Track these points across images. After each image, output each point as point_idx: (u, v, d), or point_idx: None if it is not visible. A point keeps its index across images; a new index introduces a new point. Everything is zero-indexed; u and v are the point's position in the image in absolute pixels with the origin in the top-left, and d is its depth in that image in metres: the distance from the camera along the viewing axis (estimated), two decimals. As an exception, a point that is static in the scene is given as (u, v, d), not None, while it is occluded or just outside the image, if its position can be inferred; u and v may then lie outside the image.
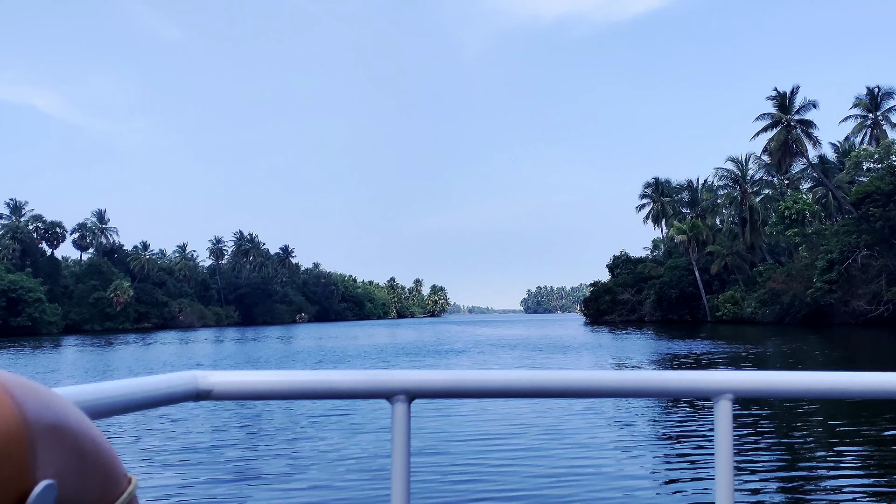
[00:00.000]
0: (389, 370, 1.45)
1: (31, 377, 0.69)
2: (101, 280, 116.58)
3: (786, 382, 1.50)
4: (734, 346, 42.27)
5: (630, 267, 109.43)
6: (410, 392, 1.44)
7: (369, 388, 1.44)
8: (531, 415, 16.53)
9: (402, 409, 1.43)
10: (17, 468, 0.61)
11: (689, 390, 1.52)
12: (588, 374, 1.49)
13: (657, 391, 1.52)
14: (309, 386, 1.44)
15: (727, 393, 1.48)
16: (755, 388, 1.51)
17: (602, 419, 16.07)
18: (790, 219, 69.83)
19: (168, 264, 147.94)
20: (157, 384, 1.31)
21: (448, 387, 1.47)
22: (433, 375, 1.46)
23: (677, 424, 15.49)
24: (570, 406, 17.36)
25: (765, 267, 76.59)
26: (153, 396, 1.28)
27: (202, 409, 18.56)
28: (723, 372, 1.49)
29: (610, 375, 1.50)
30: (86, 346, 60.36)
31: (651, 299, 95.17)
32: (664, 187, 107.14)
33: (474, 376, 1.48)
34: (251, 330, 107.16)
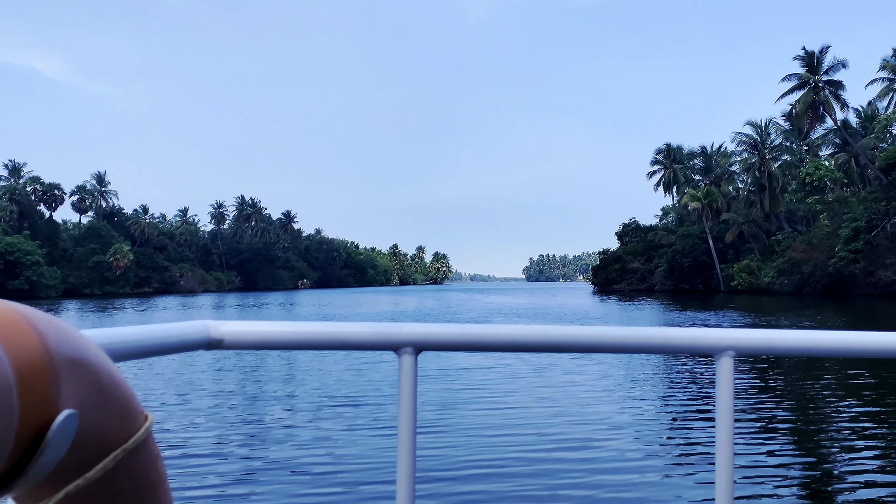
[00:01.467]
0: (397, 323, 1.48)
1: None
2: (101, 244, 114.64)
3: (788, 340, 1.52)
4: (753, 315, 40.68)
5: (640, 235, 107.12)
6: (417, 344, 1.46)
7: (377, 340, 1.46)
8: (537, 369, 16.92)
9: (409, 361, 1.46)
10: (41, 397, 0.63)
11: (691, 347, 1.53)
12: (593, 329, 1.52)
13: (661, 347, 1.53)
14: (318, 337, 1.46)
15: (729, 350, 1.50)
16: (757, 345, 1.53)
17: (606, 374, 16.45)
18: (811, 186, 67.40)
19: (169, 229, 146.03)
20: (169, 332, 1.33)
21: (455, 340, 1.49)
22: (440, 329, 1.48)
23: (680, 380, 15.93)
24: (575, 361, 17.64)
25: (783, 235, 74.17)
26: (166, 343, 1.31)
27: (213, 357, 18.87)
28: (725, 329, 1.52)
29: (614, 331, 1.53)
30: (85, 310, 58.76)
31: (662, 268, 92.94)
32: (676, 154, 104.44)
33: (480, 330, 1.50)
34: (253, 296, 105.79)
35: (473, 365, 17.56)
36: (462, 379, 16.01)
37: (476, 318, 42.85)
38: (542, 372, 16.82)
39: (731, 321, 37.04)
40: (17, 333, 0.63)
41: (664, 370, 17.33)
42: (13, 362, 0.61)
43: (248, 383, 16.10)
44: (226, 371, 17.89)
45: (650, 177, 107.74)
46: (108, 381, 0.75)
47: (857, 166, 71.22)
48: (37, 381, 0.63)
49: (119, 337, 1.17)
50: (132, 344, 1.21)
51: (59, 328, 0.70)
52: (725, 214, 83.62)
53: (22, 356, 0.62)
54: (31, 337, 0.64)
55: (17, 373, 0.60)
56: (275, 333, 1.45)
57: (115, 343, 1.15)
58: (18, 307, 0.67)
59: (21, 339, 0.63)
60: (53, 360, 0.65)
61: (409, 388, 1.45)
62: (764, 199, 77.61)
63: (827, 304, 52.62)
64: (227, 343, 1.43)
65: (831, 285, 64.94)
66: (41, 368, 0.64)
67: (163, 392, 14.82)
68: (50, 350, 0.65)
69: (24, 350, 0.63)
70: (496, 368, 17.25)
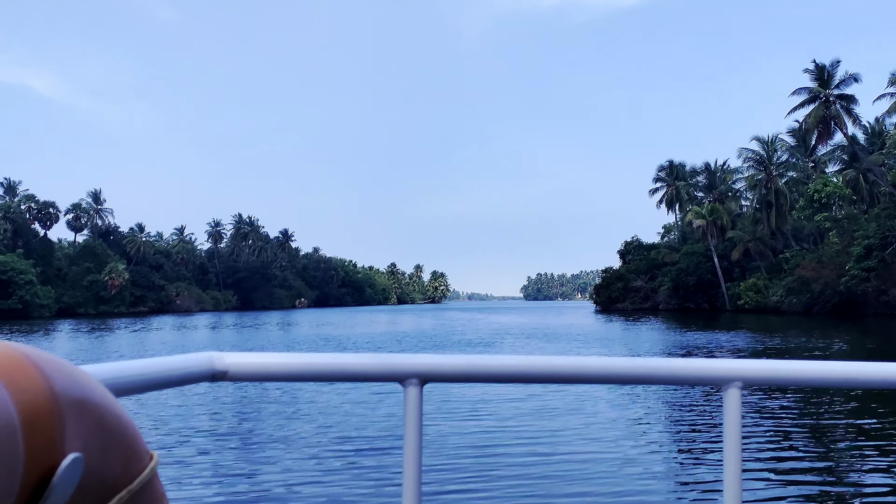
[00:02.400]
0: (402, 354, 1.47)
1: None
2: (96, 262, 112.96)
3: (794, 371, 1.51)
4: (764, 335, 39.29)
5: (643, 253, 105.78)
6: (423, 376, 1.45)
7: (382, 372, 1.47)
8: (542, 400, 16.74)
9: (415, 393, 1.45)
10: (47, 441, 0.63)
11: (697, 378, 1.53)
12: (599, 360, 1.52)
13: (667, 378, 1.53)
14: (323, 368, 1.47)
15: (736, 381, 1.49)
16: (764, 376, 1.52)
17: (612, 405, 16.32)
18: (819, 203, 66.17)
19: (165, 247, 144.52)
20: (174, 364, 1.34)
21: (460, 371, 1.48)
22: (445, 359, 1.48)
23: (687, 411, 15.83)
24: (580, 392, 17.56)
25: (791, 253, 72.79)
26: (170, 376, 1.31)
27: (218, 390, 18.92)
28: (732, 360, 1.51)
29: (620, 362, 1.52)
30: (78, 331, 57.25)
31: (666, 287, 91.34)
32: (679, 171, 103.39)
33: (486, 361, 1.50)
34: (250, 315, 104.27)
35: (477, 393, 17.60)
36: (466, 408, 15.96)
37: (484, 340, 41.42)
38: (548, 401, 16.77)
39: (744, 342, 35.71)
40: (22, 377, 0.63)
41: (670, 400, 17.26)
42: (18, 406, 0.60)
43: (252, 415, 15.95)
44: (229, 401, 17.79)
45: (652, 194, 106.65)
46: (114, 422, 0.75)
47: (866, 183, 70.11)
48: (42, 425, 0.63)
49: (122, 371, 1.17)
50: (136, 378, 1.20)
51: (65, 369, 0.69)
52: (731, 232, 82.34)
53: (27, 400, 0.62)
54: (36, 380, 0.64)
55: (22, 417, 0.60)
56: (279, 365, 1.45)
57: (119, 378, 1.14)
58: (24, 349, 0.67)
59: (26, 383, 0.63)
60: (59, 402, 0.65)
61: (415, 420, 1.44)
62: (771, 216, 76.18)
63: (839, 323, 51.38)
64: (231, 375, 1.43)
65: (842, 304, 63.56)
66: (46, 412, 0.63)
67: (165, 425, 14.58)
68: (55, 393, 0.65)
69: (30, 393, 0.62)
70: (501, 397, 17.24)
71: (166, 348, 37.42)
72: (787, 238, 79.65)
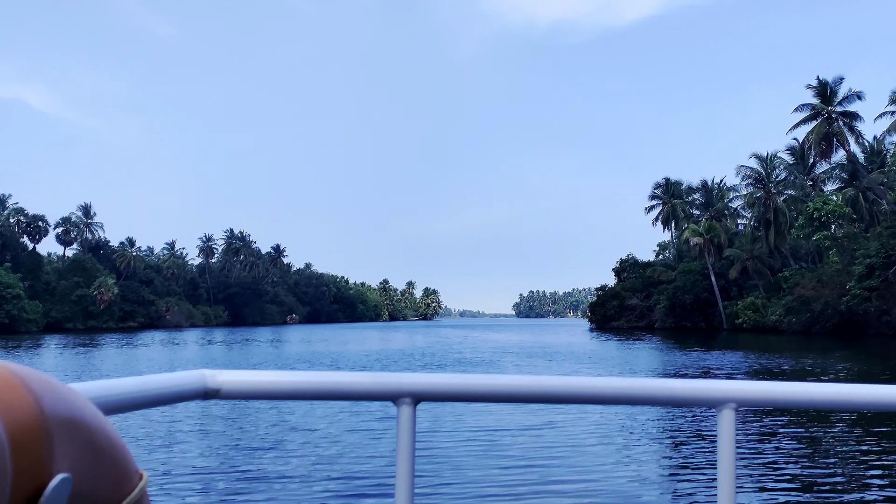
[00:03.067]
0: (395, 373, 1.48)
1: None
2: (85, 277, 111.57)
3: (789, 393, 1.51)
4: (767, 357, 38.59)
5: (638, 271, 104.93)
6: (416, 395, 1.46)
7: (375, 390, 1.46)
8: (536, 419, 16.67)
9: (408, 412, 1.45)
10: (35, 461, 0.62)
11: (692, 399, 1.53)
12: (593, 380, 1.51)
13: (661, 399, 1.53)
14: (316, 387, 1.47)
15: (730, 402, 1.49)
16: (759, 397, 1.52)
17: (606, 425, 16.29)
18: (819, 221, 65.44)
19: (156, 262, 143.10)
20: (165, 382, 1.33)
21: (454, 390, 1.48)
22: (439, 379, 1.48)
23: (681, 432, 15.83)
24: (574, 412, 17.54)
25: (790, 272, 71.92)
26: (162, 394, 1.31)
27: (209, 407, 18.75)
28: (726, 381, 1.51)
29: (615, 382, 1.52)
30: (65, 347, 55.95)
31: (662, 305, 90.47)
32: (675, 188, 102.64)
33: (480, 380, 1.50)
34: (241, 331, 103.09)
35: (471, 412, 17.53)
36: (460, 427, 15.87)
37: (484, 360, 40.34)
38: (542, 420, 16.67)
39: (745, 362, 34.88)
40: (10, 395, 0.62)
41: (665, 420, 17.26)
42: (7, 425, 0.60)
43: (243, 432, 15.78)
44: (221, 419, 17.57)
45: (648, 211, 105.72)
46: (103, 441, 0.74)
47: (866, 202, 69.39)
48: (31, 444, 0.62)
49: (113, 389, 1.15)
50: (127, 396, 1.19)
51: (54, 388, 0.69)
52: (729, 250, 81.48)
53: (16, 419, 0.61)
54: (25, 399, 0.63)
55: (10, 436, 0.60)
56: (271, 383, 1.44)
57: (109, 396, 1.13)
58: (12, 367, 0.66)
59: (15, 402, 0.62)
60: (48, 422, 0.65)
61: (408, 439, 1.44)
62: (769, 235, 75.27)
63: (840, 344, 50.57)
64: (223, 393, 1.42)
65: (842, 324, 62.70)
66: (35, 431, 0.63)
67: (155, 442, 14.50)
68: (44, 412, 0.65)
69: (18, 413, 0.62)
70: (494, 416, 17.22)
71: (153, 366, 36.34)
72: (786, 257, 78.87)
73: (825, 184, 76.92)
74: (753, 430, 15.56)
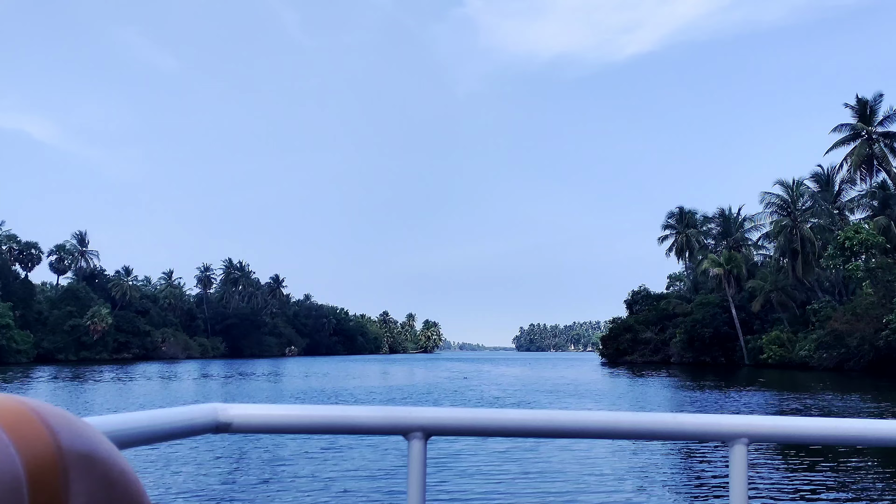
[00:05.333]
0: (406, 407, 1.47)
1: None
2: (79, 306, 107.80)
3: (802, 428, 1.50)
4: (807, 396, 35.26)
5: (651, 303, 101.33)
6: (427, 429, 1.45)
7: (386, 425, 1.46)
8: (547, 453, 16.72)
9: (419, 447, 1.45)
10: (51, 495, 0.63)
11: (704, 433, 1.52)
12: (604, 414, 1.51)
13: (672, 434, 1.53)
14: (327, 421, 1.47)
15: (742, 437, 1.49)
16: (771, 432, 1.51)
17: (617, 460, 16.28)
18: (850, 251, 61.96)
19: (153, 292, 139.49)
20: (177, 416, 1.34)
21: (465, 425, 1.48)
22: (450, 413, 1.48)
23: (693, 466, 15.87)
24: (585, 446, 17.58)
25: (820, 305, 68.19)
26: (173, 428, 1.31)
27: (220, 441, 18.69)
28: (738, 416, 1.51)
29: (626, 417, 1.52)
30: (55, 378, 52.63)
31: (679, 339, 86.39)
32: (689, 218, 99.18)
33: (491, 415, 1.50)
34: (239, 363, 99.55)
35: (481, 446, 17.60)
36: (470, 462, 15.88)
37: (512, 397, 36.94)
38: (553, 454, 16.77)
39: (785, 400, 31.73)
40: (28, 431, 0.63)
41: (677, 454, 17.37)
42: (24, 461, 0.60)
43: (254, 466, 15.95)
44: (231, 452, 17.70)
45: (661, 241, 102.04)
46: (118, 476, 0.75)
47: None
48: (47, 479, 0.63)
49: (126, 424, 1.17)
50: (139, 430, 1.20)
51: (70, 423, 0.69)
52: (752, 281, 77.85)
53: (33, 454, 0.62)
54: (42, 434, 0.64)
55: (28, 472, 0.60)
56: (283, 417, 1.45)
57: (123, 430, 1.14)
58: (30, 402, 0.67)
59: (32, 437, 0.63)
60: (64, 457, 0.65)
61: (419, 474, 1.44)
62: (797, 265, 71.73)
63: (877, 381, 47.41)
64: (235, 427, 1.43)
65: (878, 360, 58.87)
66: (52, 467, 0.63)
67: (166, 476, 14.67)
68: (61, 447, 0.65)
69: (36, 448, 0.62)
70: (504, 450, 17.23)
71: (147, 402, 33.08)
72: (812, 289, 75.21)
73: (853, 212, 73.50)
74: (766, 465, 15.46)
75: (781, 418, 1.49)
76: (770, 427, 1.49)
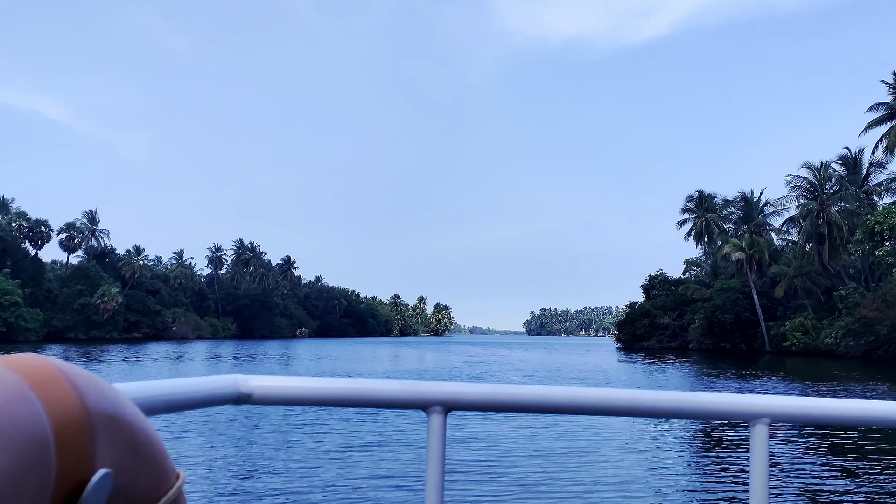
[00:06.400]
0: (426, 381, 1.48)
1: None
2: (89, 285, 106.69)
3: (824, 409, 1.50)
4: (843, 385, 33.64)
5: (669, 288, 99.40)
6: (447, 404, 1.46)
7: (407, 399, 1.46)
8: (566, 430, 16.74)
9: (438, 421, 1.45)
10: (79, 456, 0.63)
11: (725, 413, 1.52)
12: (624, 392, 1.51)
13: (693, 413, 1.53)
14: (347, 393, 1.47)
15: (764, 417, 1.48)
16: (793, 413, 1.51)
17: (637, 438, 16.23)
18: (881, 236, 59.89)
19: (163, 271, 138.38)
20: (199, 386, 1.35)
21: (484, 400, 1.48)
22: (470, 388, 1.48)
23: (713, 446, 15.97)
24: (605, 423, 17.41)
25: (847, 291, 66.17)
26: (196, 398, 1.33)
27: (241, 411, 18.80)
28: (760, 396, 1.50)
29: (646, 395, 1.52)
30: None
31: (698, 325, 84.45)
32: (708, 202, 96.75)
33: (511, 391, 1.50)
34: (249, 344, 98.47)
35: (501, 422, 17.60)
36: (489, 437, 15.91)
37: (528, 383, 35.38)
38: (572, 431, 16.76)
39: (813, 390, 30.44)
40: (56, 391, 0.64)
41: (697, 434, 17.34)
42: (52, 420, 0.61)
43: (275, 437, 16.08)
44: (252, 424, 17.93)
45: (680, 226, 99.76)
46: (143, 439, 0.75)
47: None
48: (75, 439, 0.63)
49: (150, 391, 1.18)
50: (163, 398, 1.21)
51: (97, 385, 0.70)
52: (775, 267, 75.77)
53: (61, 414, 0.62)
54: (69, 395, 0.65)
55: (55, 431, 0.61)
56: (303, 389, 1.45)
57: (147, 397, 1.16)
58: (58, 363, 0.68)
59: (60, 397, 0.64)
60: (91, 418, 0.66)
61: (438, 448, 1.44)
62: (823, 250, 69.59)
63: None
64: (255, 398, 1.44)
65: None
66: (79, 427, 0.64)
67: (191, 443, 14.99)
68: (88, 408, 0.66)
69: (63, 408, 0.63)
70: (524, 426, 17.21)
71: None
72: (838, 275, 73.12)
73: (881, 196, 71.30)
74: (787, 445, 15.38)
75: (803, 399, 1.48)
76: (792, 407, 1.47)
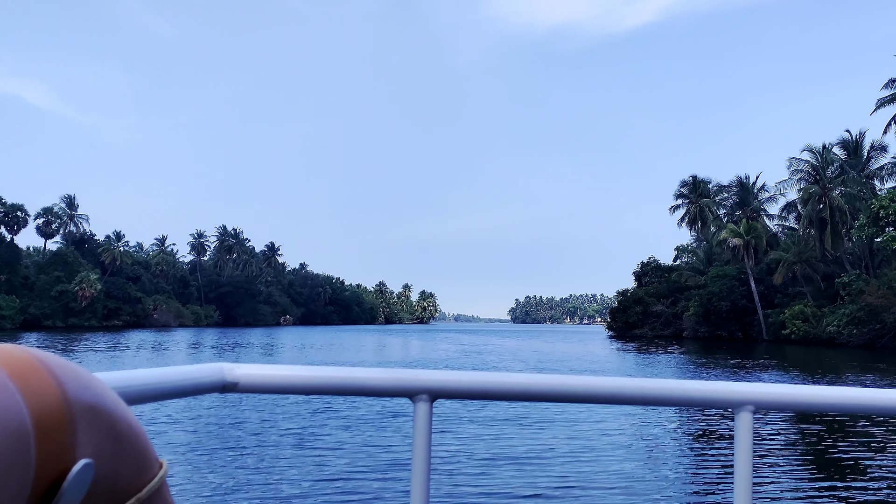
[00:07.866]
0: (413, 369, 1.48)
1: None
2: (67, 271, 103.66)
3: (808, 396, 1.51)
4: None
5: (662, 275, 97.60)
6: (433, 392, 1.46)
7: (392, 387, 1.46)
8: (552, 418, 16.87)
9: (425, 409, 1.45)
10: (59, 446, 0.63)
11: (710, 400, 1.52)
12: (610, 380, 1.51)
13: (678, 400, 1.53)
14: (333, 382, 1.47)
15: (748, 405, 1.49)
16: (777, 400, 1.52)
17: (622, 426, 16.40)
18: (885, 220, 58.04)
19: (144, 258, 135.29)
20: (184, 374, 1.34)
21: (470, 388, 1.49)
22: (456, 376, 1.48)
23: (699, 433, 16.12)
24: (590, 411, 17.62)
25: (850, 278, 64.37)
26: (180, 386, 1.31)
27: (227, 399, 19.06)
28: (744, 383, 1.50)
29: (632, 383, 1.52)
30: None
31: (692, 312, 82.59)
32: (702, 187, 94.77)
33: (497, 378, 1.50)
34: (232, 332, 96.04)
35: (488, 410, 17.61)
36: (476, 425, 15.95)
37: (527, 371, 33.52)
38: (558, 419, 16.79)
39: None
40: (36, 381, 0.63)
41: (682, 421, 17.39)
42: (32, 411, 0.60)
43: (260, 426, 16.05)
44: (238, 411, 17.93)
45: (673, 211, 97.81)
46: (125, 429, 0.74)
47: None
48: (54, 429, 0.63)
49: (134, 380, 1.16)
50: (147, 387, 1.20)
51: (78, 374, 0.69)
52: (774, 253, 73.91)
53: (41, 404, 0.62)
54: (49, 384, 0.64)
55: (35, 421, 0.60)
56: (289, 378, 1.45)
57: (130, 386, 1.14)
58: (38, 353, 0.67)
59: (40, 387, 0.63)
60: (71, 408, 0.65)
61: (424, 436, 1.44)
62: (825, 236, 67.73)
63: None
64: (241, 386, 1.43)
65: (913, 337, 55.60)
66: (59, 417, 0.63)
67: (174, 432, 14.91)
68: (68, 398, 0.65)
69: (43, 398, 0.62)
70: (510, 415, 17.27)
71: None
72: (841, 261, 71.31)
73: (882, 181, 69.45)
74: (771, 432, 15.49)
75: (787, 386, 1.49)
76: (776, 395, 1.48)
